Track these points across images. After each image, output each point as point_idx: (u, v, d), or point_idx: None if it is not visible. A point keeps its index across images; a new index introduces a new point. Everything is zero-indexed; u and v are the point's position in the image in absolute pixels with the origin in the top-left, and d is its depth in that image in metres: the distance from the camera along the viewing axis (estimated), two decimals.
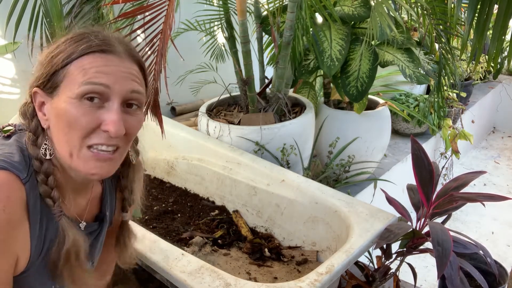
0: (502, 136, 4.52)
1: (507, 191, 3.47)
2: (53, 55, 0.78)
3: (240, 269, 1.50)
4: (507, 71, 4.60)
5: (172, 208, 1.86)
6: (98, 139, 0.76)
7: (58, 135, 0.78)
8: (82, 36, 0.78)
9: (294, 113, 2.12)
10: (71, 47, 0.77)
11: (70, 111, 0.74)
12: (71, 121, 0.75)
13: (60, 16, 1.47)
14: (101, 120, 0.76)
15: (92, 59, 0.76)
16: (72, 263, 0.82)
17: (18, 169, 0.74)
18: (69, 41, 0.78)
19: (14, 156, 0.76)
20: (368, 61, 2.03)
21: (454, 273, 1.14)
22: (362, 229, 1.31)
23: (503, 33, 1.46)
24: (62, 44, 0.78)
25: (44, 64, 0.79)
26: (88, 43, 0.77)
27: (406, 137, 3.16)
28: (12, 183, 0.73)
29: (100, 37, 0.78)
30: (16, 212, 0.73)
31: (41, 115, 0.80)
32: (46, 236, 0.80)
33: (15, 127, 0.84)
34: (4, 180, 0.72)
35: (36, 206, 0.77)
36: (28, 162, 0.78)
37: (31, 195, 0.76)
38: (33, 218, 0.76)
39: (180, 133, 2.01)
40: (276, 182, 1.66)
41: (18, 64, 2.15)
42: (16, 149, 0.78)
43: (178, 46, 1.79)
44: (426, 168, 1.34)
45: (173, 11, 1.48)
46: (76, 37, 0.79)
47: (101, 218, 0.96)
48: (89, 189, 0.91)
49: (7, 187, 0.72)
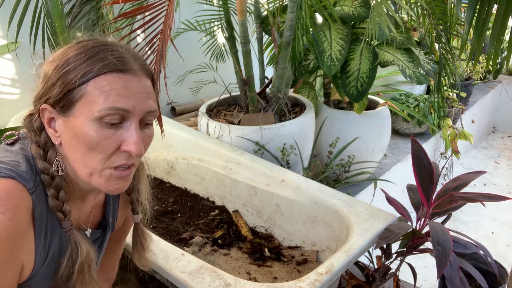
0: (502, 136, 4.52)
1: (507, 191, 3.47)
2: (64, 71, 0.74)
3: (240, 269, 1.50)
4: (507, 71, 4.60)
5: (172, 208, 1.87)
6: (120, 160, 0.76)
7: (74, 155, 0.77)
8: (96, 51, 0.75)
9: (294, 113, 2.12)
10: (86, 65, 0.74)
11: (90, 134, 0.73)
12: (92, 144, 0.74)
13: (61, 16, 1.47)
14: (121, 141, 0.75)
15: (111, 80, 0.73)
16: (85, 276, 0.82)
17: (25, 179, 0.74)
18: (83, 57, 0.74)
19: (20, 165, 0.75)
20: (368, 61, 2.03)
21: (454, 273, 1.14)
22: (362, 229, 1.31)
23: (502, 33, 1.46)
24: (74, 60, 0.75)
25: (53, 80, 0.75)
26: (104, 61, 0.74)
27: (406, 137, 3.16)
28: (20, 192, 0.73)
29: (116, 55, 0.76)
30: (23, 221, 0.72)
31: (51, 132, 0.78)
32: (50, 246, 0.79)
33: (19, 135, 0.83)
34: (12, 189, 0.72)
35: (42, 216, 0.76)
36: (34, 172, 0.77)
37: (37, 205, 0.75)
38: (38, 228, 0.76)
39: (180, 133, 2.01)
40: (276, 182, 1.66)
41: (18, 64, 2.15)
42: (22, 158, 0.77)
43: (178, 46, 1.80)
44: (426, 168, 1.34)
45: (173, 11, 1.48)
46: (89, 51, 0.75)
47: (104, 225, 0.95)
48: (93, 196, 0.91)
49: (15, 196, 0.71)
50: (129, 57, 0.77)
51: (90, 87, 0.73)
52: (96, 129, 0.73)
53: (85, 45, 0.77)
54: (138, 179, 0.97)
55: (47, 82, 0.76)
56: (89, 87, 0.73)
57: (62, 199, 0.78)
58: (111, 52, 0.76)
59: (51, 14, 1.45)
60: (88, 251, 0.82)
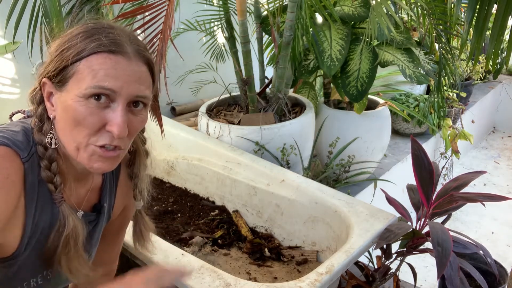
0: (502, 136, 4.52)
1: (507, 191, 3.47)
2: (63, 48, 0.78)
3: (240, 269, 1.50)
4: (507, 71, 4.60)
5: (172, 208, 1.87)
6: (103, 140, 0.78)
7: (65, 129, 0.80)
8: (93, 33, 0.79)
9: (294, 113, 2.12)
10: (82, 44, 0.77)
11: (78, 109, 0.76)
12: (78, 119, 0.77)
13: (59, 16, 1.47)
14: (107, 120, 0.77)
15: (102, 60, 0.76)
16: (70, 250, 0.84)
17: (19, 148, 0.77)
18: (81, 36, 0.78)
19: (17, 135, 0.79)
20: (368, 61, 2.03)
21: (454, 273, 1.14)
22: (362, 229, 1.31)
23: (502, 33, 1.46)
24: (74, 38, 0.78)
25: (52, 56, 0.80)
26: (98, 42, 0.77)
27: (406, 137, 3.16)
28: (12, 158, 0.76)
29: (110, 36, 0.78)
30: (16, 183, 0.75)
31: (49, 105, 0.82)
32: (39, 221, 0.81)
33: (24, 113, 0.87)
34: (5, 154, 0.75)
35: (34, 188, 0.79)
36: (30, 143, 0.80)
37: (29, 175, 0.78)
38: (29, 198, 0.78)
39: (180, 133, 2.01)
40: (276, 182, 1.66)
41: (18, 64, 2.15)
42: (20, 129, 0.80)
43: (178, 46, 1.79)
44: (426, 168, 1.34)
45: (173, 11, 1.48)
46: (87, 32, 0.79)
47: (99, 209, 0.96)
48: (89, 179, 0.93)
49: (7, 160, 0.75)
50: (125, 40, 0.80)
51: (82, 65, 0.76)
52: (83, 105, 0.76)
53: (87, 26, 0.81)
54: (139, 166, 0.98)
55: (49, 57, 0.80)
56: (81, 65, 0.76)
57: (54, 171, 0.81)
58: (107, 34, 0.78)
59: (49, 13, 1.45)
60: (76, 226, 0.84)
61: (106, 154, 0.79)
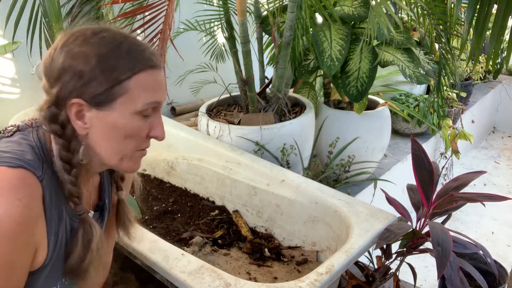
0: (502, 136, 4.52)
1: (507, 191, 3.47)
2: (104, 68, 0.77)
3: (240, 269, 1.50)
4: (507, 71, 4.60)
5: (172, 208, 1.87)
6: (145, 144, 0.86)
7: (107, 143, 0.83)
8: (129, 48, 0.80)
9: (294, 113, 2.12)
10: (126, 62, 0.79)
11: (132, 125, 0.81)
12: (130, 134, 0.82)
13: (58, 15, 1.47)
14: (151, 127, 0.85)
15: (148, 76, 0.81)
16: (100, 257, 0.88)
17: (33, 167, 0.77)
18: (120, 55, 0.78)
19: (25, 154, 0.78)
20: (368, 61, 2.03)
21: (454, 273, 1.14)
22: (362, 229, 1.31)
23: (502, 33, 1.46)
24: (113, 56, 0.78)
25: (90, 77, 0.77)
26: (142, 59, 0.80)
27: (406, 137, 3.16)
28: (31, 180, 0.76)
29: (147, 51, 0.82)
30: (37, 207, 0.76)
31: (80, 124, 0.80)
32: (58, 231, 0.83)
33: (18, 127, 0.85)
34: (24, 177, 0.75)
35: (51, 204, 0.80)
36: (41, 160, 0.80)
37: (46, 192, 0.78)
38: (48, 214, 0.79)
39: (180, 133, 2.01)
40: (276, 182, 1.66)
41: (18, 64, 2.15)
42: (27, 147, 0.79)
43: (178, 46, 1.80)
44: (426, 168, 1.34)
45: (172, 11, 1.48)
46: (122, 48, 0.79)
47: (101, 206, 0.98)
48: (90, 180, 0.94)
49: (28, 184, 0.75)
50: (153, 52, 0.85)
51: (132, 84, 0.79)
52: (136, 121, 0.81)
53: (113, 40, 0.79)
54: None
55: (81, 78, 0.77)
56: (131, 84, 0.79)
57: (79, 185, 0.83)
58: (141, 49, 0.82)
59: (48, 13, 1.45)
60: (100, 233, 0.88)
61: (143, 153, 0.87)
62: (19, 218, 0.72)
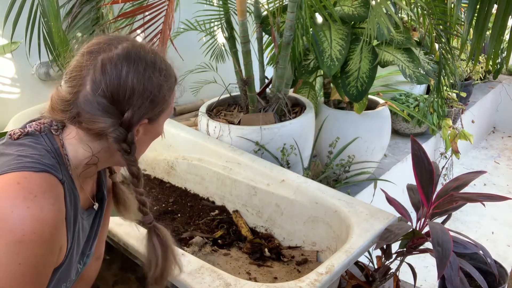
0: (502, 136, 4.52)
1: (507, 191, 3.47)
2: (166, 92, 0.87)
3: (240, 269, 1.50)
4: (507, 71, 4.60)
5: (172, 208, 1.87)
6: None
7: (143, 149, 0.94)
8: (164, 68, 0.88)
9: (294, 113, 2.12)
10: (170, 80, 0.89)
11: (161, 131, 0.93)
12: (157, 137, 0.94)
13: (57, 15, 1.47)
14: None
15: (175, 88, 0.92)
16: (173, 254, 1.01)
17: (54, 170, 0.79)
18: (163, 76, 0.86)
19: (44, 158, 0.80)
20: (368, 61, 2.03)
21: (454, 273, 1.14)
22: (362, 229, 1.31)
23: (502, 33, 1.46)
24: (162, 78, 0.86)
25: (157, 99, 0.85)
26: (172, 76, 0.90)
27: (406, 137, 3.16)
28: (56, 183, 0.79)
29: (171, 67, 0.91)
30: (63, 210, 0.79)
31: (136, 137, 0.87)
32: (75, 232, 0.86)
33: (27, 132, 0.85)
34: (50, 181, 0.77)
35: (71, 204, 0.83)
36: (58, 162, 0.82)
37: (67, 193, 0.81)
38: (68, 216, 0.82)
39: (180, 133, 2.01)
40: (276, 182, 1.66)
41: (18, 64, 2.15)
42: (43, 151, 0.81)
43: (178, 46, 1.80)
44: (426, 168, 1.34)
45: (172, 11, 1.48)
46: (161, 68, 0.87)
47: (101, 197, 1.01)
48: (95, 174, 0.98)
49: (54, 187, 0.78)
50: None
51: (171, 99, 0.91)
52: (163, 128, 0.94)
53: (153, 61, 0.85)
54: None
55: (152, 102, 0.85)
56: (171, 99, 0.90)
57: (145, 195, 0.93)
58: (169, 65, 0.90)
59: (47, 13, 1.45)
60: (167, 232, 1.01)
61: None
62: (56, 222, 0.75)
